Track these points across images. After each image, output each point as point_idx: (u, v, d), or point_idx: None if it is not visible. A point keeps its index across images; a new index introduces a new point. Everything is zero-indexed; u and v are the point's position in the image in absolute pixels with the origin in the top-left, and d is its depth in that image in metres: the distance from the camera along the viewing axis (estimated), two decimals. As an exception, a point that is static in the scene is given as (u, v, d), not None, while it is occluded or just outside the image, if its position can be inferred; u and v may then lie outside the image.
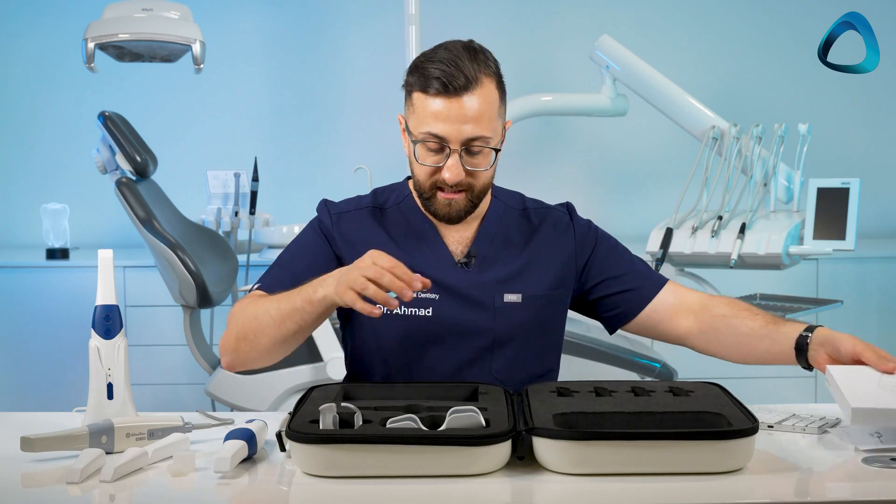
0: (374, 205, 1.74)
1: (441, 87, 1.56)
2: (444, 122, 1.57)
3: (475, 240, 1.71)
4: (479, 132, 1.58)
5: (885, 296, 3.73)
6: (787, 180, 2.87)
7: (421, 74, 1.59)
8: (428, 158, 1.61)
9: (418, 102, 1.60)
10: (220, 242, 3.30)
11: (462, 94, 1.57)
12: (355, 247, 1.67)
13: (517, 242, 1.73)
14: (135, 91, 4.12)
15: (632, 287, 1.74)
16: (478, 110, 1.57)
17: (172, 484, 1.27)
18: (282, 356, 1.61)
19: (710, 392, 1.46)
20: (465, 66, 1.57)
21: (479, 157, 1.61)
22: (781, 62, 4.22)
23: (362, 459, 1.25)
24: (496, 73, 1.63)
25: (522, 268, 1.70)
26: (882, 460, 1.31)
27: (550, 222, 1.77)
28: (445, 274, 1.66)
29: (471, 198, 1.64)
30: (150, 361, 3.63)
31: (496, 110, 1.61)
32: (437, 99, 1.57)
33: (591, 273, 1.76)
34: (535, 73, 4.24)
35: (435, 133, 1.58)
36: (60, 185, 4.17)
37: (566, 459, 1.26)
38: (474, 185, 1.63)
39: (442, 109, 1.57)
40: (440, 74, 1.56)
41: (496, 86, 1.62)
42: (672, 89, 3.09)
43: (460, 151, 1.59)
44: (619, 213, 4.30)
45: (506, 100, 1.66)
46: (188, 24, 3.10)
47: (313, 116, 4.26)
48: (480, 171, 1.62)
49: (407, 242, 1.70)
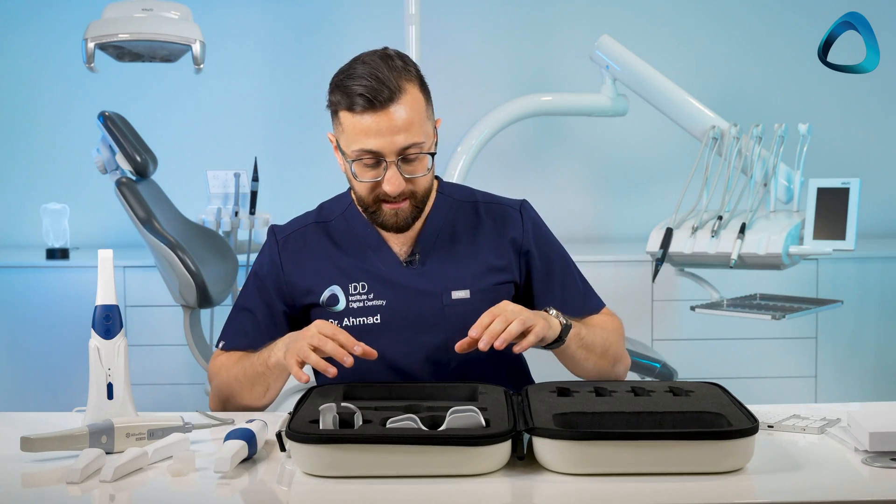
0: (319, 220, 1.77)
1: (366, 103, 1.56)
2: (375, 137, 1.57)
3: (419, 237, 1.72)
4: (411, 139, 1.58)
5: (885, 296, 3.73)
6: (787, 180, 2.87)
7: (343, 93, 1.59)
8: (366, 174, 1.61)
9: (346, 122, 1.60)
10: (220, 242, 3.30)
11: (388, 106, 1.56)
12: (304, 265, 1.72)
13: (462, 237, 1.73)
14: (135, 91, 4.12)
15: (561, 308, 1.73)
16: (406, 118, 1.57)
17: (172, 484, 1.27)
18: (268, 404, 1.70)
19: (710, 392, 1.46)
20: (386, 76, 1.56)
21: (416, 164, 1.61)
22: (781, 62, 4.22)
23: (362, 459, 1.25)
24: (417, 75, 1.62)
25: (469, 263, 1.71)
26: (882, 460, 1.31)
27: (499, 216, 1.76)
28: (392, 275, 1.68)
29: (415, 203, 1.65)
30: (150, 361, 3.63)
31: (424, 114, 1.61)
32: (365, 115, 1.57)
33: (529, 275, 1.76)
34: (535, 73, 4.24)
35: (368, 149, 1.58)
36: (60, 185, 4.17)
37: (566, 459, 1.26)
38: (416, 191, 1.64)
39: (371, 125, 1.57)
40: (363, 90, 1.56)
41: (419, 89, 1.61)
42: (672, 89, 3.09)
43: (397, 162, 1.59)
44: (619, 213, 4.30)
45: (431, 100, 1.66)
46: (188, 24, 3.10)
47: (313, 116, 4.25)
48: (420, 177, 1.63)
49: (351, 250, 1.72)
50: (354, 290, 1.69)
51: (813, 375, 3.73)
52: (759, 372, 3.72)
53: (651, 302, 3.69)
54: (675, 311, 3.71)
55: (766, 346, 3.72)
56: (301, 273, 1.72)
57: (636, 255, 3.63)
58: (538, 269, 1.75)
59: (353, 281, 1.69)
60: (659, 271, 2.90)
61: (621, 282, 3.63)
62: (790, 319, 2.81)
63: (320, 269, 1.71)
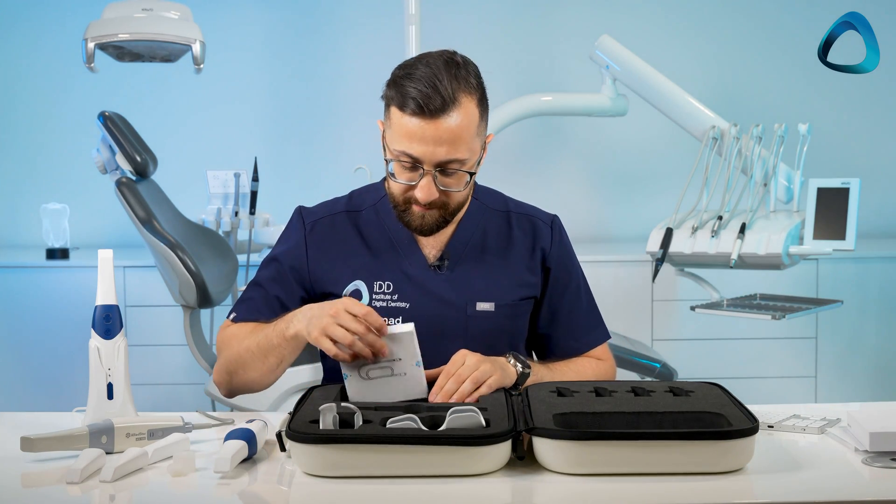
0: (349, 209, 1.74)
1: (417, 109, 1.53)
2: (418, 143, 1.54)
3: (450, 242, 1.70)
4: (453, 155, 1.56)
5: (885, 296, 3.73)
6: (787, 180, 2.87)
7: (398, 91, 1.56)
8: (402, 175, 1.60)
9: (395, 118, 1.57)
10: (220, 242, 3.30)
11: (439, 116, 1.53)
12: (329, 254, 1.69)
13: (493, 248, 1.72)
14: (135, 91, 4.12)
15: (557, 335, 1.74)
16: (454, 132, 1.54)
17: (172, 484, 1.27)
18: (273, 381, 1.64)
19: (710, 392, 1.46)
20: (444, 86, 1.53)
21: (453, 178, 1.60)
22: (781, 62, 4.22)
23: (362, 459, 1.25)
24: (477, 88, 1.59)
25: (497, 275, 1.69)
26: (882, 460, 1.31)
27: (530, 230, 1.75)
28: (419, 277, 1.67)
29: (444, 215, 1.63)
30: (150, 361, 3.63)
31: (474, 130, 1.58)
32: (413, 119, 1.54)
33: (543, 290, 1.75)
34: (535, 73, 4.24)
35: (409, 153, 1.56)
36: (60, 185, 4.17)
37: (566, 459, 1.26)
38: (448, 203, 1.62)
39: (417, 130, 1.54)
40: (417, 95, 1.53)
41: (476, 103, 1.58)
42: (672, 89, 3.09)
43: (434, 172, 1.57)
44: (619, 213, 4.30)
45: (487, 114, 1.63)
46: (188, 24, 3.10)
47: (313, 116, 4.26)
48: (454, 192, 1.61)
49: (380, 246, 1.70)
50: (379, 289, 1.66)
51: (813, 375, 3.74)
52: (759, 372, 3.73)
53: (651, 302, 3.69)
54: (675, 311, 3.71)
55: (766, 346, 3.72)
56: (326, 262, 1.69)
57: (636, 255, 3.63)
58: (552, 287, 1.74)
59: (379, 279, 1.66)
60: (659, 271, 2.90)
61: (621, 282, 3.63)
62: (790, 319, 2.81)
63: (346, 261, 1.68)
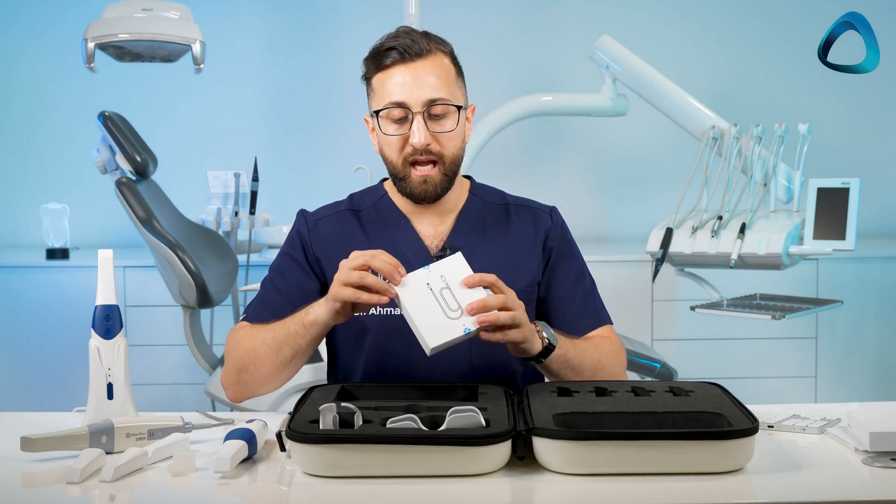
0: (351, 208, 1.76)
1: (398, 55, 1.62)
2: (402, 88, 1.62)
3: (451, 232, 1.71)
4: (438, 93, 1.62)
5: (885, 296, 3.73)
6: (787, 180, 2.87)
7: (376, 53, 1.65)
8: (393, 129, 1.64)
9: (377, 83, 1.65)
10: (220, 242, 3.30)
11: (417, 60, 1.62)
12: (332, 248, 1.70)
13: (494, 237, 1.73)
14: (135, 91, 4.13)
15: (558, 316, 1.73)
16: (435, 75, 1.62)
17: (172, 484, 1.27)
18: (282, 383, 1.63)
19: (710, 392, 1.46)
20: (419, 38, 1.64)
21: (445, 121, 1.63)
22: (781, 62, 4.22)
23: (362, 459, 1.25)
24: (450, 52, 1.68)
25: (499, 263, 1.69)
26: (882, 460, 1.31)
27: (530, 219, 1.77)
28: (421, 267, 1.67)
29: (443, 170, 1.65)
30: (150, 361, 3.63)
31: (453, 78, 1.66)
32: (394, 68, 1.62)
33: (543, 273, 1.75)
34: (535, 73, 4.24)
35: (395, 101, 1.62)
36: (60, 185, 4.17)
37: (566, 459, 1.26)
38: (444, 153, 1.65)
39: (399, 77, 1.62)
40: (394, 44, 1.63)
41: (451, 61, 1.67)
42: (672, 89, 3.09)
43: (423, 115, 1.61)
44: (619, 213, 4.30)
45: (464, 79, 1.70)
46: (188, 24, 3.10)
47: (313, 116, 4.26)
48: (447, 135, 1.63)
49: (382, 238, 1.71)
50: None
51: (813, 375, 3.74)
52: (759, 372, 3.73)
53: (651, 302, 3.69)
54: (675, 311, 3.71)
55: (766, 346, 3.72)
56: (330, 257, 1.69)
57: (636, 255, 3.64)
58: (552, 268, 1.75)
59: None
60: (659, 271, 2.90)
61: (621, 282, 3.64)
62: (790, 319, 2.82)
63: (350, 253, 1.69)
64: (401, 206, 1.73)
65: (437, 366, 1.64)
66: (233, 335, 1.67)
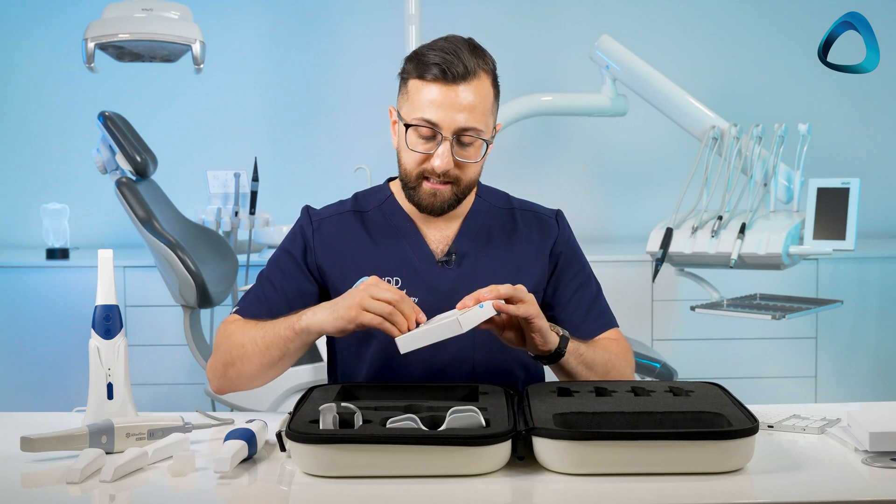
0: (355, 209, 1.75)
1: (439, 74, 1.57)
2: (438, 109, 1.57)
3: (457, 237, 1.71)
4: (472, 123, 1.58)
5: (885, 296, 3.73)
6: (787, 180, 2.87)
7: (419, 61, 1.60)
8: (419, 145, 1.61)
9: (413, 89, 1.60)
10: (220, 242, 3.30)
11: (459, 83, 1.57)
12: (336, 250, 1.69)
13: (500, 242, 1.72)
14: (135, 91, 4.13)
15: (565, 320, 1.73)
16: (473, 101, 1.58)
17: (172, 484, 1.27)
18: (268, 381, 1.63)
19: (710, 392, 1.46)
20: (465, 56, 1.58)
21: (470, 149, 1.61)
22: (781, 62, 4.22)
23: (362, 459, 1.25)
24: (493, 71, 1.64)
25: (505, 268, 1.69)
26: (882, 460, 1.31)
27: (535, 224, 1.76)
28: (426, 272, 1.66)
29: (456, 192, 1.64)
30: (150, 361, 3.63)
31: (490, 106, 1.62)
32: (434, 85, 1.58)
33: (551, 285, 1.75)
34: (535, 73, 4.24)
35: (428, 119, 1.58)
36: (60, 185, 4.17)
37: (566, 459, 1.26)
38: (461, 178, 1.63)
39: (437, 96, 1.57)
40: (439, 61, 1.57)
41: (492, 83, 1.63)
42: (672, 89, 3.09)
43: (451, 141, 1.59)
44: (619, 213, 4.30)
45: (499, 101, 1.67)
46: (188, 24, 3.10)
47: (313, 116, 4.26)
48: (469, 164, 1.62)
49: (387, 242, 1.70)
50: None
51: (813, 375, 3.74)
52: (759, 372, 3.73)
53: (651, 302, 3.69)
54: (675, 311, 3.71)
55: (766, 346, 3.72)
56: (333, 259, 1.69)
57: (636, 255, 3.64)
58: (559, 273, 1.75)
59: (387, 275, 1.65)
60: (659, 271, 2.90)
61: (621, 282, 3.64)
62: (790, 319, 2.82)
63: (354, 257, 1.68)
64: (406, 208, 1.72)
65: (440, 371, 1.64)
66: (225, 327, 1.65)
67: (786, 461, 1.34)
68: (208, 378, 1.65)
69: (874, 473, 1.29)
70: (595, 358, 1.63)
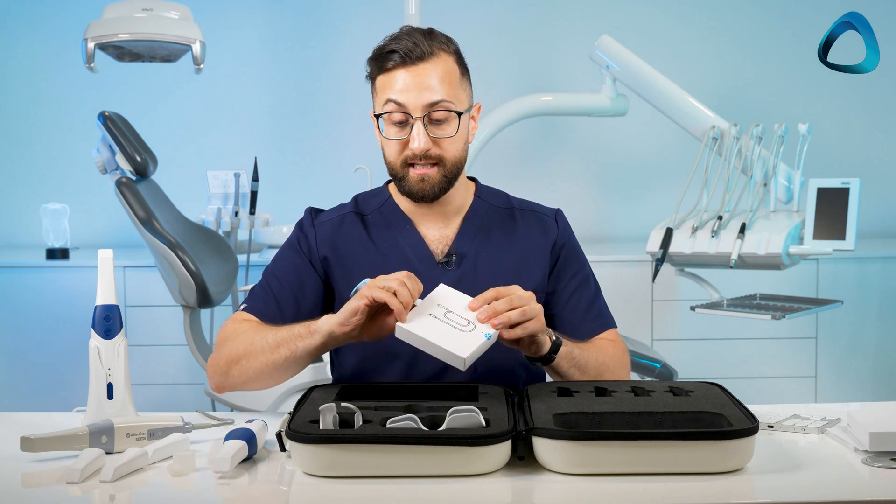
0: (356, 211, 1.75)
1: (399, 60, 1.60)
2: (402, 91, 1.60)
3: (456, 238, 1.71)
4: (438, 96, 1.60)
5: (885, 296, 3.73)
6: (787, 180, 2.87)
7: (378, 56, 1.63)
8: (393, 132, 1.63)
9: (380, 83, 1.64)
10: (220, 242, 3.30)
11: (418, 63, 1.60)
12: (338, 250, 1.70)
13: (500, 242, 1.72)
14: (135, 91, 4.13)
15: (563, 319, 1.72)
16: (436, 77, 1.60)
17: (172, 484, 1.27)
18: (268, 386, 1.61)
19: (710, 392, 1.46)
20: (420, 39, 1.61)
21: (445, 126, 1.62)
22: (781, 62, 4.22)
23: (362, 459, 1.25)
24: (455, 51, 1.66)
25: (505, 269, 1.69)
26: (882, 460, 1.31)
27: (535, 223, 1.76)
28: (427, 274, 1.65)
29: (444, 173, 1.64)
30: (150, 361, 3.63)
31: (457, 80, 1.63)
32: (395, 72, 1.60)
33: (550, 284, 1.75)
34: (535, 73, 4.24)
35: (394, 99, 1.60)
36: (60, 185, 4.17)
37: (566, 459, 1.26)
38: (444, 157, 1.63)
39: (400, 80, 1.60)
40: (396, 48, 1.61)
41: (455, 61, 1.64)
42: (672, 89, 3.09)
43: (423, 120, 1.60)
44: (619, 213, 4.30)
45: (469, 78, 1.68)
46: (188, 24, 3.10)
47: (313, 116, 4.26)
48: (448, 140, 1.62)
49: (387, 244, 1.70)
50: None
51: (813, 375, 3.74)
52: (759, 372, 3.73)
53: (651, 302, 3.69)
54: (675, 311, 3.71)
55: (766, 346, 3.72)
56: (335, 259, 1.69)
57: (636, 255, 3.64)
58: (558, 273, 1.74)
59: None
60: (659, 271, 2.90)
61: (621, 282, 3.64)
62: (790, 319, 2.82)
63: (356, 258, 1.69)
64: (405, 209, 1.72)
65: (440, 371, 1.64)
66: (233, 326, 1.63)
67: (786, 461, 1.34)
68: (208, 374, 1.63)
69: (874, 473, 1.29)
70: (588, 360, 1.63)
